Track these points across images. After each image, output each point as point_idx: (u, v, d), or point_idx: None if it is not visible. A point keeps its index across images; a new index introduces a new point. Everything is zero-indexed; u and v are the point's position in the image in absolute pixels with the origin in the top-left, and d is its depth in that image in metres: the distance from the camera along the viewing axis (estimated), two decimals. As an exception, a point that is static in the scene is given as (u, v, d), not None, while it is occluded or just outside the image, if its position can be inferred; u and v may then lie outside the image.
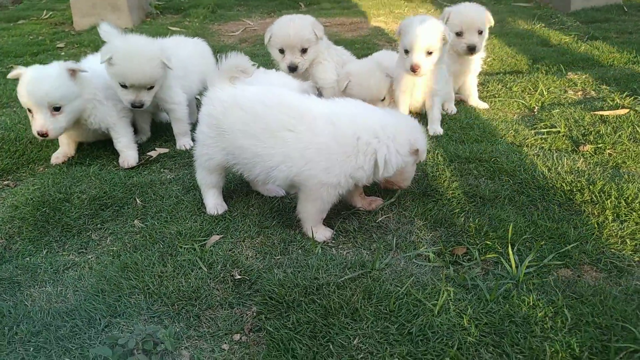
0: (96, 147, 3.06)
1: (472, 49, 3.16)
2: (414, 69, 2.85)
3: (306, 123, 2.01)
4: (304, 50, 3.12)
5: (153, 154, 2.93)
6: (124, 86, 2.75)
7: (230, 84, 2.19)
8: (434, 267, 1.93)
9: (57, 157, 2.90)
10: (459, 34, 3.16)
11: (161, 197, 2.51)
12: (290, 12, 7.69)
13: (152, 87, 2.79)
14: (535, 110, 3.38)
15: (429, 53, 2.86)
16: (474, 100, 3.46)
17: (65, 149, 2.94)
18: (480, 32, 3.18)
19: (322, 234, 2.15)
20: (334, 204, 2.13)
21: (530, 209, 2.25)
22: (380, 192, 2.44)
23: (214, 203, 2.36)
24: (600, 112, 3.20)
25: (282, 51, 3.16)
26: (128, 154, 2.87)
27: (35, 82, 2.54)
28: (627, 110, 3.21)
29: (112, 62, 2.69)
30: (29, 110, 2.60)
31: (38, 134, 2.57)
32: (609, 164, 2.62)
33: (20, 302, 1.85)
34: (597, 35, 5.22)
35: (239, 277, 1.89)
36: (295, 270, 1.91)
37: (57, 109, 2.59)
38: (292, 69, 3.11)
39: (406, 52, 2.91)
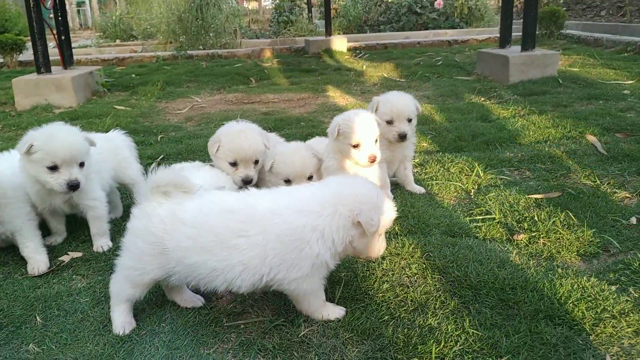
0: (4, 252, 2.81)
1: (402, 137, 3.15)
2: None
3: (255, 225, 1.95)
4: (256, 162, 3.06)
5: (65, 258, 2.69)
6: (52, 168, 2.59)
7: (164, 197, 2.05)
8: (356, 394, 1.75)
9: (-45, 266, 2.63)
10: (389, 122, 3.16)
11: (65, 312, 2.27)
12: (240, 87, 7.77)
13: (82, 164, 2.69)
14: (471, 194, 3.35)
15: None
16: (411, 185, 3.42)
17: (-35, 255, 2.68)
18: (410, 120, 3.19)
19: (336, 312, 2.12)
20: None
21: (462, 313, 2.12)
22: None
23: (122, 321, 2.13)
24: (535, 195, 3.19)
25: (233, 164, 3.06)
26: (37, 259, 2.63)
27: None
28: (560, 192, 3.21)
29: (35, 149, 2.57)
30: None
31: None
32: (543, 255, 2.56)
33: None
34: (534, 110, 5.39)
35: (133, 420, 1.66)
36: (200, 406, 1.69)
37: None
38: (248, 182, 3.02)
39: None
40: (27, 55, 10.73)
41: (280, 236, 1.93)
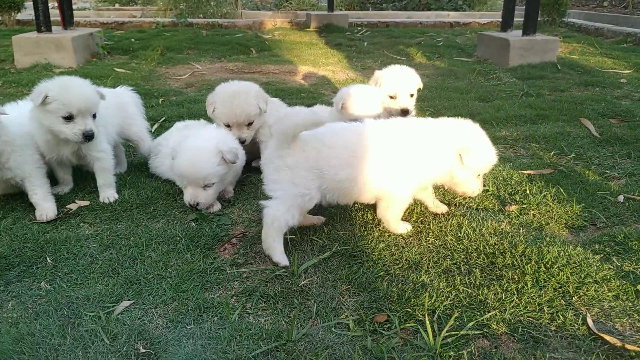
0: (13, 199, 2.88)
1: (405, 112, 3.21)
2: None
3: (380, 142, 2.37)
4: (249, 124, 3.12)
5: (73, 206, 2.77)
6: (68, 118, 2.67)
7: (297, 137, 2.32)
8: (353, 337, 1.87)
9: (-34, 210, 2.71)
10: (392, 97, 3.22)
11: (75, 255, 2.36)
12: (241, 57, 7.76)
13: (95, 116, 2.78)
14: (467, 167, 3.45)
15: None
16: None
17: (-24, 200, 2.75)
18: (412, 95, 3.26)
19: (404, 227, 2.55)
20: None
21: (453, 273, 2.24)
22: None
23: (282, 251, 2.33)
24: (528, 171, 3.31)
25: (227, 126, 3.14)
26: (46, 206, 2.70)
27: None
28: (552, 170, 3.33)
29: (50, 99, 2.63)
30: None
31: None
32: (532, 225, 2.68)
33: None
34: (532, 93, 5.48)
35: (144, 350, 1.77)
36: (206, 342, 1.81)
37: None
38: (241, 142, 3.11)
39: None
40: (25, 14, 10.61)
41: (400, 152, 2.36)
